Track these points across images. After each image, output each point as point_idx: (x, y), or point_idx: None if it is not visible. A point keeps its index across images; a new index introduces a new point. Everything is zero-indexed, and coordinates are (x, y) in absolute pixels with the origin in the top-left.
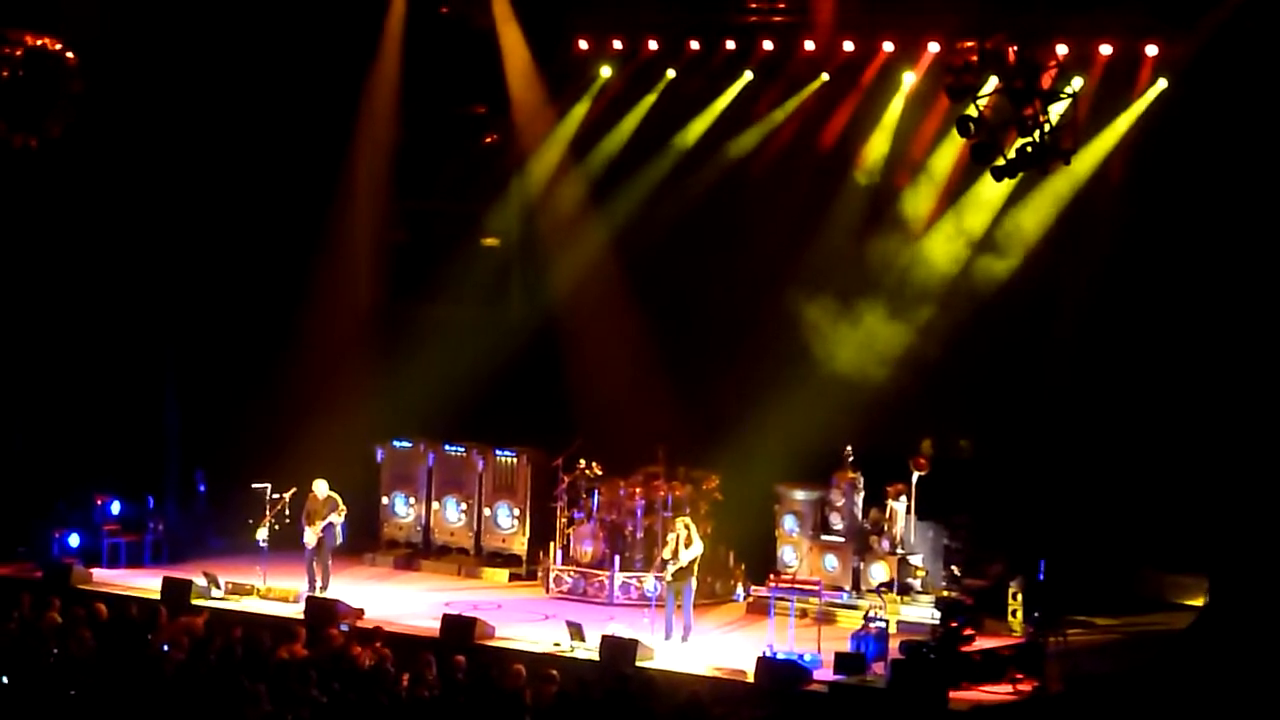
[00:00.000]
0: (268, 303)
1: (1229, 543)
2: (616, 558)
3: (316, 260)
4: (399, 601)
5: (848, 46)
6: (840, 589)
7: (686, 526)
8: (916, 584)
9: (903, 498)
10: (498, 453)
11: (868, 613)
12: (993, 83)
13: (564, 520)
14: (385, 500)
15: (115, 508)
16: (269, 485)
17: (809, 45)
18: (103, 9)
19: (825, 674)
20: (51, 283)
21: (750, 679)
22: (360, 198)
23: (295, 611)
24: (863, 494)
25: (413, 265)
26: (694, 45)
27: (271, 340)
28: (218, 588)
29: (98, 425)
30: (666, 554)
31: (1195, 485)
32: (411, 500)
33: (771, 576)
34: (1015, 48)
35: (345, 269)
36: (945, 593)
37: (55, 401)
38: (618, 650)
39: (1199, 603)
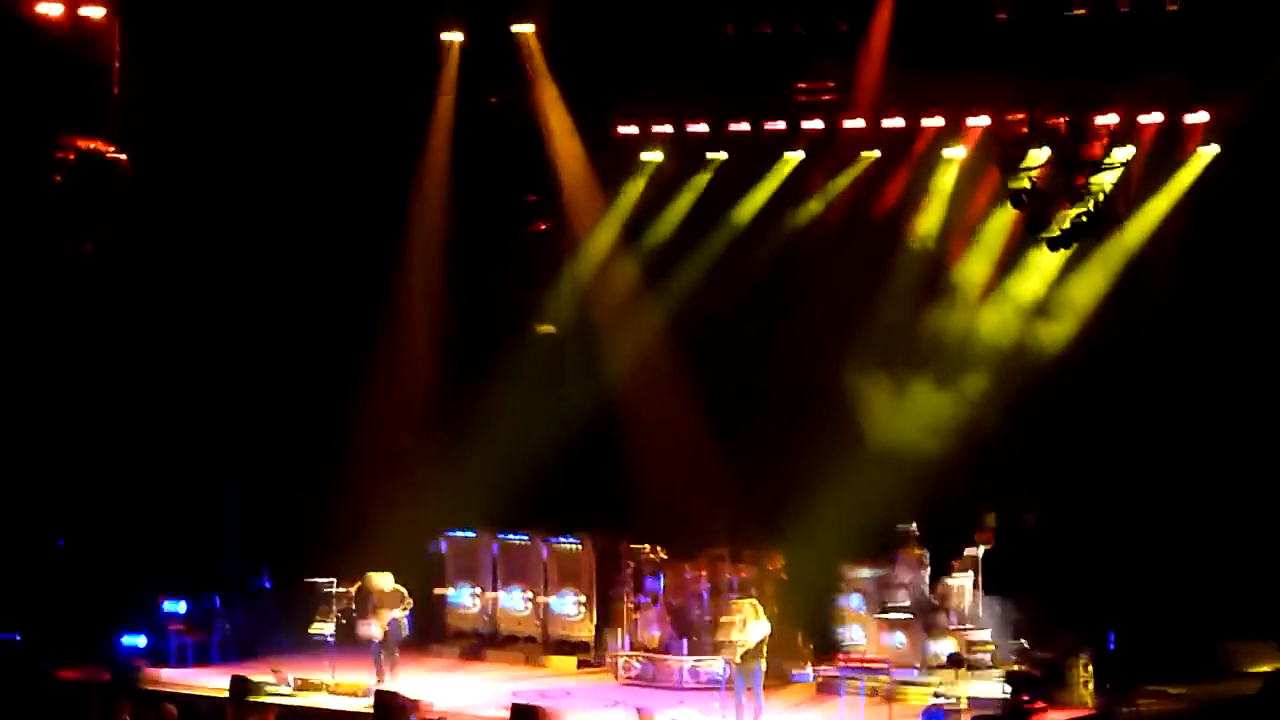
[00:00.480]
0: (327, 395)
1: None
2: (684, 641)
3: (373, 352)
4: (467, 692)
5: (897, 122)
6: (908, 666)
7: (754, 607)
8: (985, 659)
9: (969, 572)
10: (560, 540)
11: (936, 690)
12: (1043, 154)
13: (630, 605)
14: (449, 591)
15: (181, 607)
16: (334, 580)
17: (856, 123)
18: (153, 110)
19: None
20: (111, 383)
21: None
22: (415, 288)
23: (364, 706)
24: (928, 569)
25: (469, 354)
26: (738, 127)
27: (331, 433)
28: (286, 684)
29: (161, 524)
30: (734, 635)
31: (1265, 550)
32: (475, 590)
33: (838, 655)
34: (1065, 119)
35: (402, 359)
36: (1014, 666)
37: (119, 501)
38: None
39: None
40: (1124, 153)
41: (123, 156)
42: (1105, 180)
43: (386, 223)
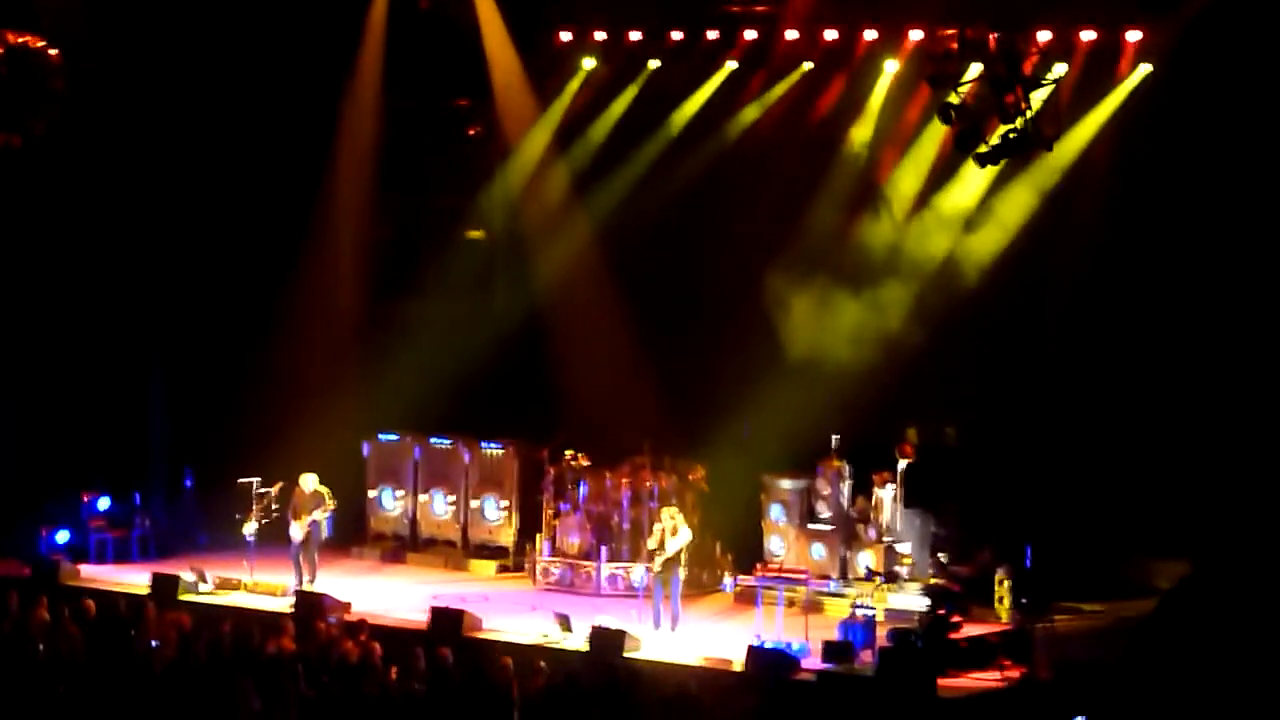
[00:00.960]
0: (253, 298)
1: (1211, 527)
2: (604, 549)
3: (301, 255)
4: (387, 595)
5: (830, 35)
6: (827, 578)
7: (673, 517)
8: (904, 572)
9: (889, 486)
10: (484, 445)
11: (855, 601)
12: (974, 70)
13: (550, 512)
14: (372, 494)
15: (103, 504)
16: (256, 480)
17: (791, 34)
18: (85, 5)
19: (813, 663)
20: (36, 281)
21: (739, 668)
22: (344, 192)
23: (283, 606)
24: (849, 483)
25: (397, 259)
26: (676, 35)
27: (257, 335)
28: (205, 583)
29: (84, 422)
30: (653, 544)
31: (1181, 470)
32: (398, 494)
33: (759, 566)
34: (996, 35)
35: (330, 263)
36: (933, 580)
37: (42, 399)
38: (606, 641)
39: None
40: (1057, 71)
41: (53, 52)
42: (1036, 98)
43: (318, 126)
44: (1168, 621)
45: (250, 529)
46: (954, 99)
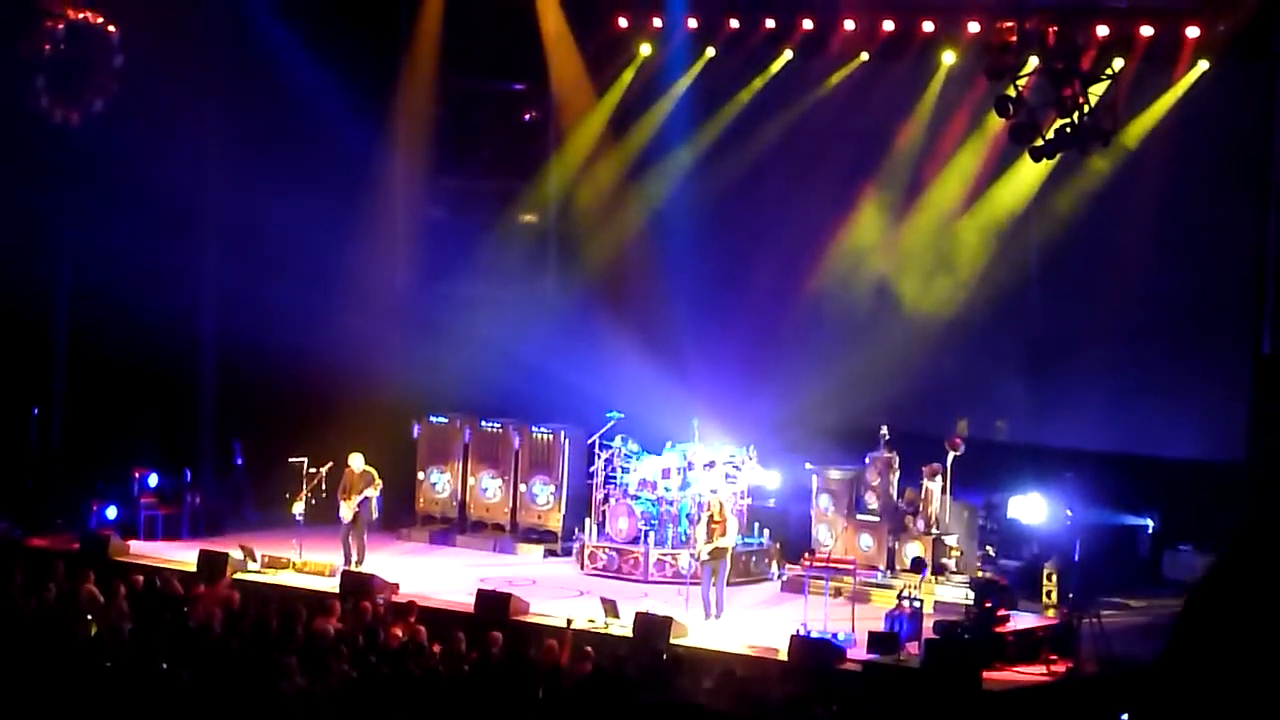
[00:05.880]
0: (307, 277)
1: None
2: (652, 535)
3: (355, 235)
4: (434, 576)
5: (887, 25)
6: (875, 568)
7: (721, 505)
8: (951, 564)
9: (938, 478)
10: (534, 429)
11: (902, 592)
12: (1032, 63)
13: (600, 497)
14: (421, 475)
15: (153, 480)
16: (306, 459)
17: (848, 24)
18: None
19: (859, 653)
20: (89, 255)
21: (783, 657)
22: (398, 174)
23: (330, 585)
24: (898, 474)
25: (451, 242)
26: (733, 24)
27: (310, 314)
28: (254, 561)
29: (136, 398)
30: (701, 531)
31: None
32: (448, 476)
33: (806, 556)
34: (1055, 28)
35: (383, 244)
36: (980, 573)
37: (94, 375)
38: (652, 627)
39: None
40: (1115, 66)
41: (112, 28)
42: (1094, 92)
43: (374, 105)
44: (1199, 617)
45: (299, 508)
46: (1011, 91)
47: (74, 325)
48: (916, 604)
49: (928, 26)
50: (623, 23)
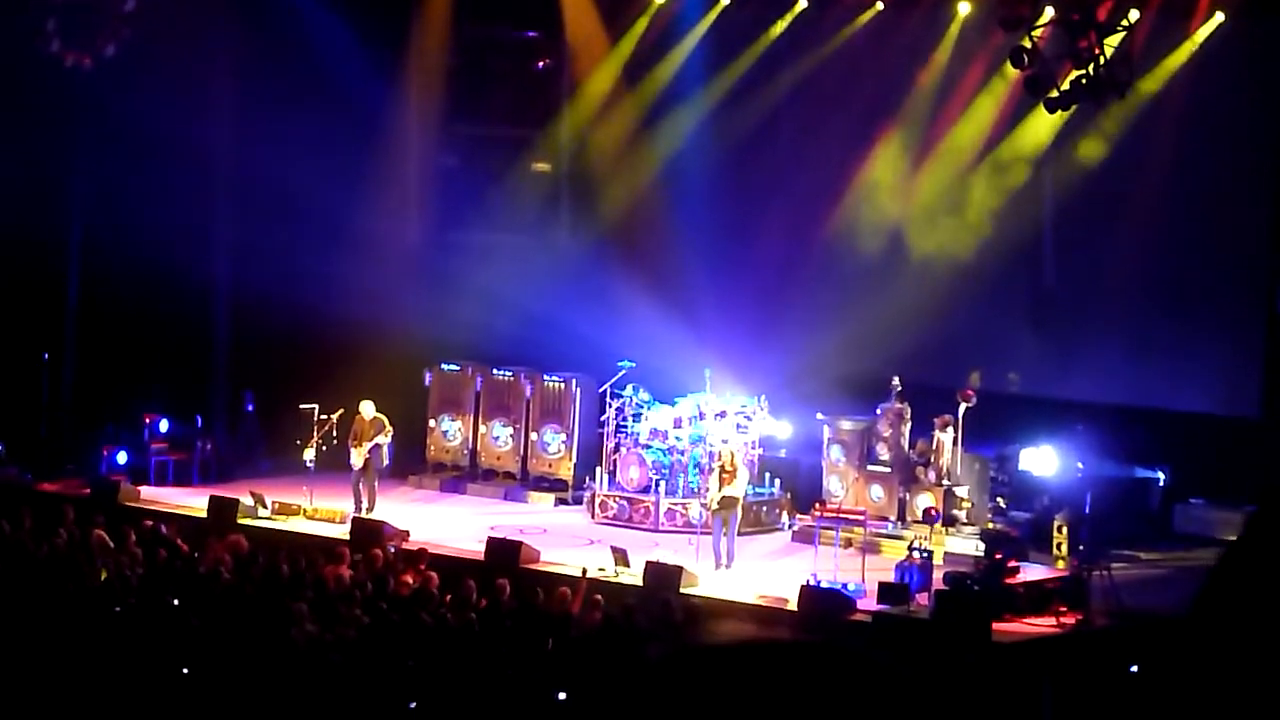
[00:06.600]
0: (319, 225)
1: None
2: (662, 484)
3: (367, 183)
4: (444, 524)
5: None
6: (885, 519)
7: (733, 455)
8: (962, 515)
9: (950, 429)
10: (545, 377)
11: (912, 544)
12: (1048, 14)
13: (610, 446)
14: (432, 423)
15: (164, 426)
16: (316, 406)
17: None
18: None
19: (869, 604)
20: (100, 202)
21: (793, 608)
22: (411, 123)
23: (341, 532)
24: (910, 425)
25: (463, 189)
26: None
27: (323, 262)
28: (264, 507)
29: (147, 344)
30: (712, 481)
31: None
32: (459, 424)
33: (817, 506)
34: None
35: (396, 193)
36: (990, 525)
37: (106, 320)
38: (662, 577)
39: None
40: (1131, 18)
41: None
42: (1109, 43)
43: (388, 53)
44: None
45: (310, 455)
46: (1026, 43)
47: (87, 273)
48: (926, 555)
49: None
50: None
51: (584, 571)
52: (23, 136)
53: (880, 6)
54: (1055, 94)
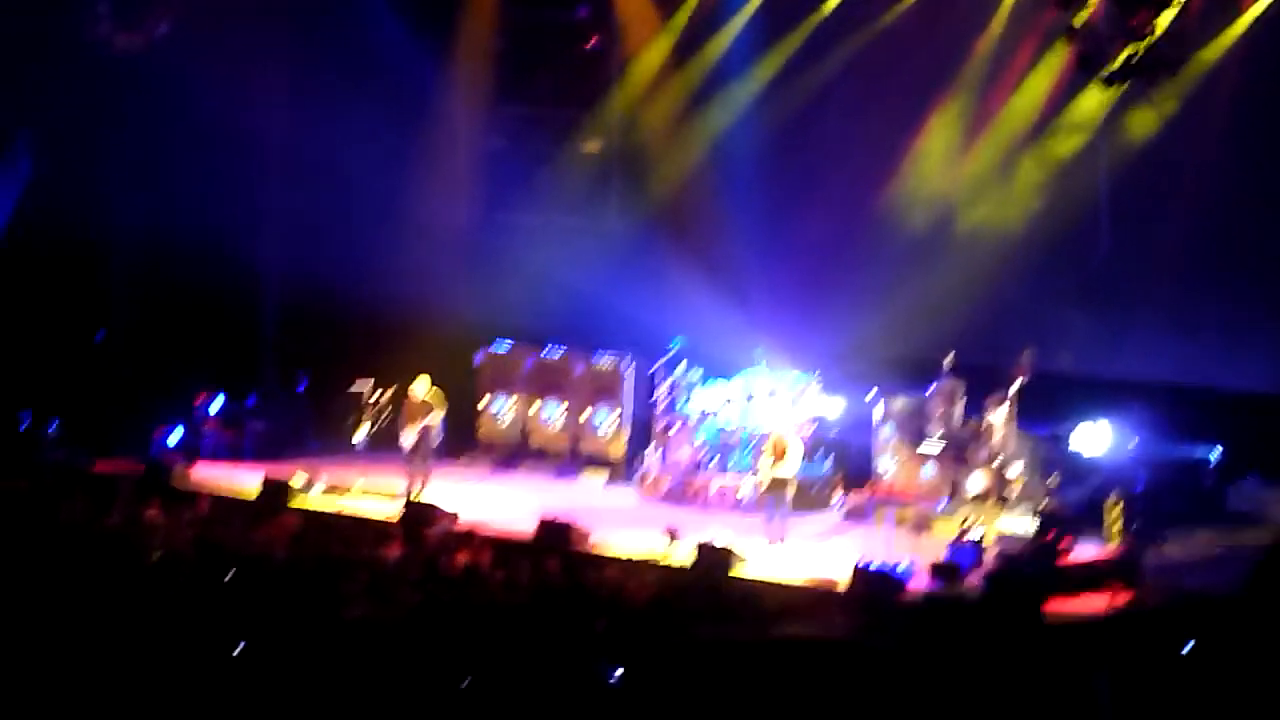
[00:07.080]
0: (369, 206)
1: None
2: (714, 463)
3: (416, 164)
4: (496, 504)
5: None
6: (937, 498)
7: (782, 435)
8: (1014, 495)
9: (1003, 408)
10: (596, 356)
11: (964, 523)
12: None
13: (661, 425)
14: (483, 403)
15: (216, 405)
16: (368, 386)
17: None
18: None
19: (920, 584)
20: (156, 184)
21: (844, 589)
22: (459, 104)
23: (392, 513)
24: (962, 403)
25: (513, 170)
26: None
27: (373, 243)
28: (316, 487)
29: (200, 323)
30: (764, 461)
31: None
32: (510, 403)
33: (868, 485)
34: None
35: (445, 174)
36: (1044, 503)
37: (159, 300)
38: (712, 557)
39: None
40: None
41: None
42: (1162, 20)
43: (436, 34)
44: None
45: (361, 434)
46: (1079, 20)
47: (140, 253)
48: (979, 535)
49: None
50: None
51: (630, 554)
52: (75, 117)
53: None
54: (1108, 71)
